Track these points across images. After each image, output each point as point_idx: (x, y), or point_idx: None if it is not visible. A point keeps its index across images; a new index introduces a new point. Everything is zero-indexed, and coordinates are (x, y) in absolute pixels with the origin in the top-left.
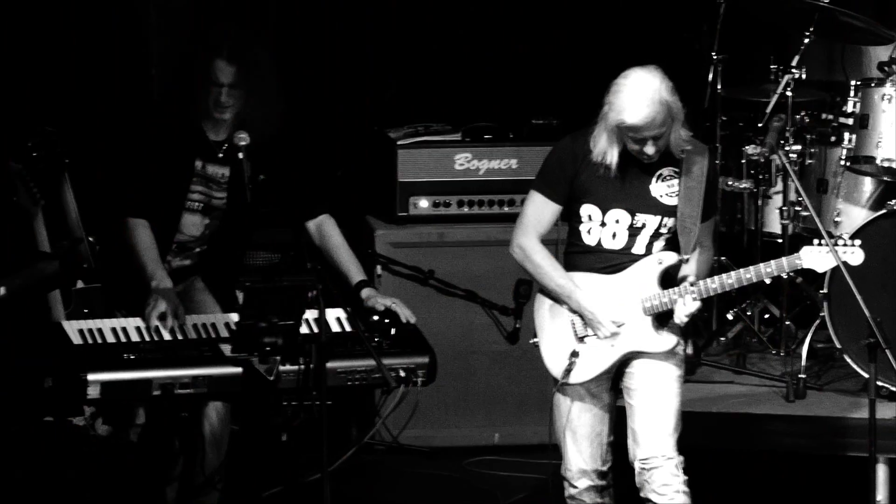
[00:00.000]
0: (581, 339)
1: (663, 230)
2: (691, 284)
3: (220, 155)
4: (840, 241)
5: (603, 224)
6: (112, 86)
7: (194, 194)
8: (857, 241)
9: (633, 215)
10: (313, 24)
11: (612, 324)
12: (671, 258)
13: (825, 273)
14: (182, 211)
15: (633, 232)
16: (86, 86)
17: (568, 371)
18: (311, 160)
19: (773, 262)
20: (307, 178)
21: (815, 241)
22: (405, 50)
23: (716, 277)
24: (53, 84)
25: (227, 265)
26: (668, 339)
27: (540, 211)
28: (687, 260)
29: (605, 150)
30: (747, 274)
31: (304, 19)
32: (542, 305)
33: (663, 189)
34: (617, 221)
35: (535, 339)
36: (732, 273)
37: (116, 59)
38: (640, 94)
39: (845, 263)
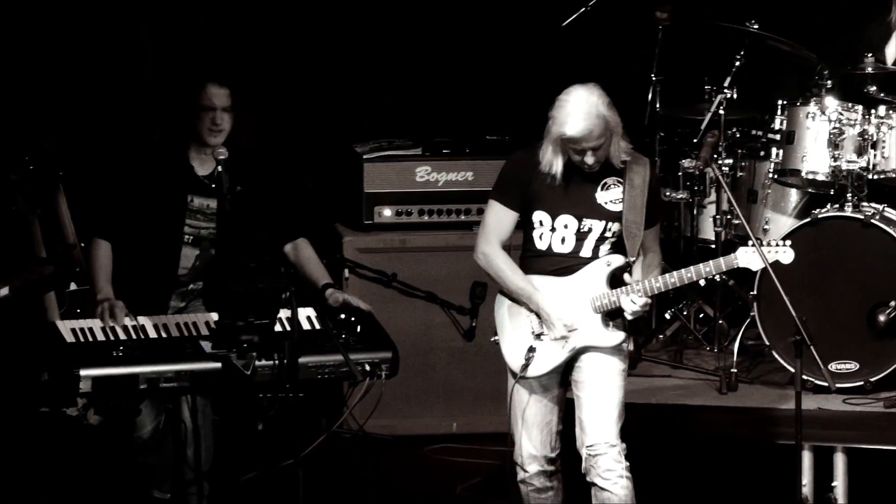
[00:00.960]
0: (538, 337)
1: (608, 234)
2: (637, 283)
3: (211, 187)
4: (773, 243)
5: (553, 229)
6: (106, 106)
7: (186, 227)
8: (788, 242)
9: (580, 221)
10: (285, 49)
11: (563, 326)
12: (619, 260)
13: (755, 276)
14: (181, 245)
15: (581, 236)
16: (80, 105)
17: (526, 365)
18: (286, 178)
19: (711, 261)
20: (283, 199)
21: (750, 243)
22: (371, 72)
23: (659, 277)
24: (49, 103)
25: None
26: (616, 335)
27: (499, 219)
28: (633, 262)
29: (551, 160)
30: (688, 273)
31: (277, 43)
32: (502, 306)
33: (608, 196)
34: (565, 227)
35: (496, 337)
36: (675, 272)
37: (114, 79)
38: (579, 109)
39: (777, 262)
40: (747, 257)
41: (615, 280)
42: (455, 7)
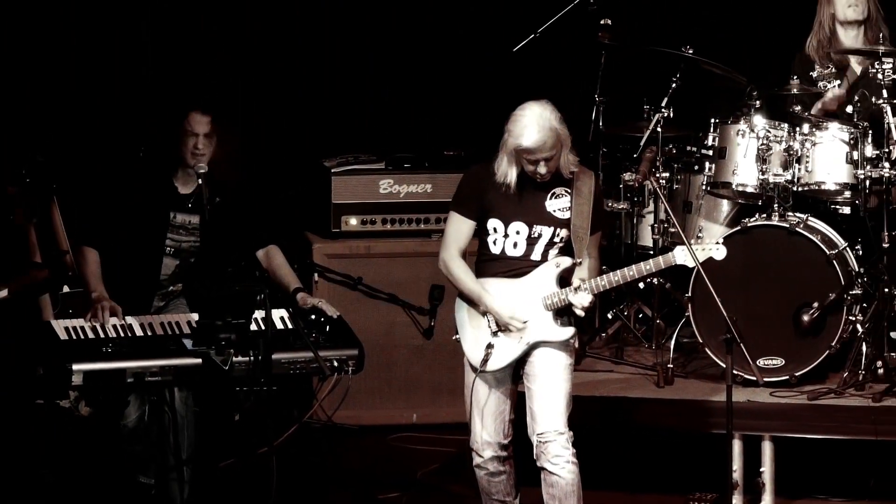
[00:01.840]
0: (495, 334)
1: (557, 239)
2: (584, 282)
3: (189, 205)
4: (707, 241)
5: (506, 235)
6: (96, 125)
7: (167, 241)
8: (720, 240)
9: (531, 227)
10: (260, 76)
11: (518, 322)
12: (566, 262)
13: (690, 279)
14: (162, 257)
15: (531, 241)
16: (72, 124)
17: (485, 360)
18: (259, 191)
19: (651, 259)
20: (257, 211)
21: (686, 243)
22: (340, 94)
23: (604, 276)
24: (43, 122)
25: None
26: (566, 331)
27: (457, 228)
28: (580, 263)
29: (506, 171)
30: (630, 271)
31: (253, 71)
32: (462, 308)
33: (557, 205)
34: (517, 233)
35: (457, 336)
36: (618, 271)
37: (103, 101)
38: (534, 122)
39: (711, 258)
40: (684, 255)
41: (564, 280)
42: (415, 35)
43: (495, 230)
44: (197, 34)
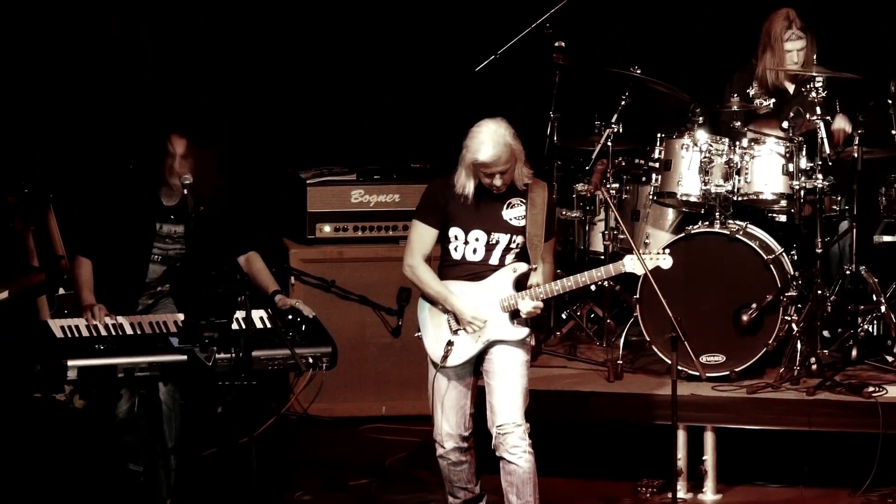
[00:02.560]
0: (455, 332)
1: (513, 246)
2: (538, 286)
3: (173, 217)
4: (655, 251)
5: (466, 242)
6: (88, 142)
7: (155, 250)
8: (667, 250)
9: (489, 234)
10: (241, 90)
11: (477, 319)
12: (522, 267)
13: (638, 282)
14: (148, 265)
15: (490, 248)
16: (66, 141)
17: (445, 357)
18: (241, 203)
19: (602, 267)
20: (238, 219)
21: (635, 252)
22: (316, 112)
23: (558, 281)
24: (39, 137)
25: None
26: (521, 331)
27: (421, 236)
28: (535, 269)
29: (465, 183)
30: (582, 277)
31: (234, 84)
32: (424, 308)
33: (512, 214)
34: (477, 239)
35: (419, 334)
36: (571, 277)
37: (93, 121)
38: (489, 138)
39: (658, 267)
40: (633, 263)
41: (520, 284)
42: (384, 57)
43: (456, 237)
44: (181, 57)
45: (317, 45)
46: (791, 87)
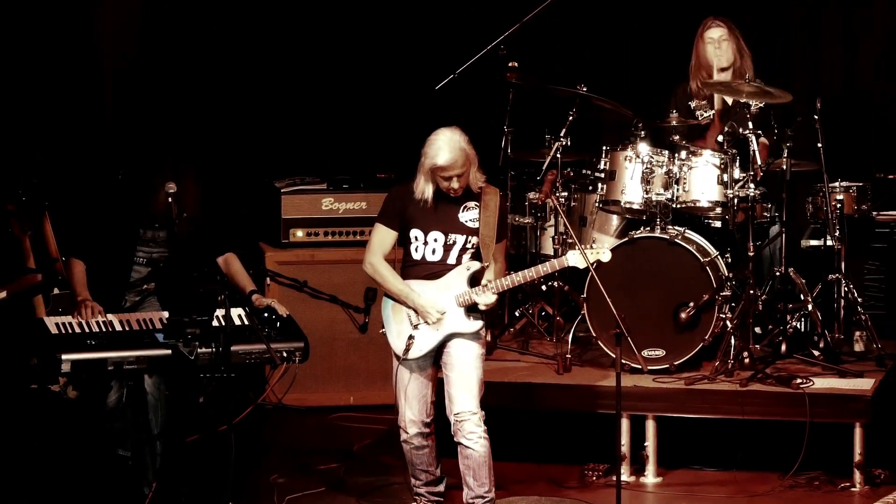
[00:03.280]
0: (415, 327)
1: (469, 246)
2: (491, 283)
3: (157, 224)
4: (594, 246)
5: (426, 243)
6: (80, 154)
7: (140, 253)
8: (607, 245)
9: (446, 235)
10: (220, 110)
11: (436, 314)
12: (476, 265)
13: (585, 282)
14: (133, 265)
15: (447, 248)
16: (61, 152)
17: (407, 350)
18: (220, 209)
19: (547, 262)
20: (217, 224)
21: (578, 247)
22: (290, 126)
23: (508, 276)
24: (38, 149)
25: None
26: (475, 324)
27: (382, 237)
28: (487, 266)
29: (424, 188)
30: (530, 273)
31: (214, 105)
32: (387, 305)
33: (468, 216)
34: (435, 240)
35: (383, 329)
36: (519, 272)
37: (84, 135)
38: (445, 144)
39: (598, 261)
40: (575, 258)
41: (474, 281)
42: (352, 76)
43: (416, 238)
44: (168, 77)
45: (291, 67)
46: (729, 100)
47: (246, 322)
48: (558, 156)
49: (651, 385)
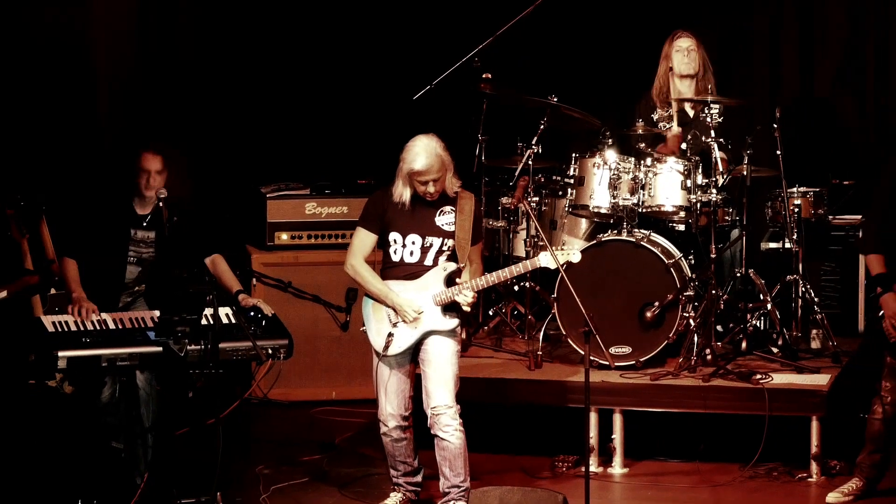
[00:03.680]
0: (394, 325)
1: (445, 248)
2: (466, 283)
3: (145, 224)
4: (566, 247)
5: (404, 245)
6: (74, 162)
7: (131, 253)
8: (576, 246)
9: (423, 238)
10: (211, 118)
11: (414, 312)
12: (452, 266)
13: (556, 282)
14: (125, 266)
15: (424, 250)
16: (57, 160)
17: (386, 347)
18: (208, 213)
19: (520, 263)
20: (206, 228)
21: (549, 249)
22: (277, 134)
23: (483, 276)
24: (36, 159)
25: (162, 291)
26: (452, 321)
27: (362, 240)
28: (463, 268)
29: (402, 192)
30: (503, 273)
31: (205, 110)
32: (367, 304)
33: (444, 220)
34: (413, 243)
35: (364, 327)
36: (494, 273)
37: (78, 145)
38: (422, 150)
39: (569, 262)
40: (546, 259)
41: (451, 281)
42: (335, 88)
43: (395, 241)
44: (161, 87)
45: (276, 78)
46: (690, 112)
47: (233, 321)
48: (530, 162)
49: (618, 380)
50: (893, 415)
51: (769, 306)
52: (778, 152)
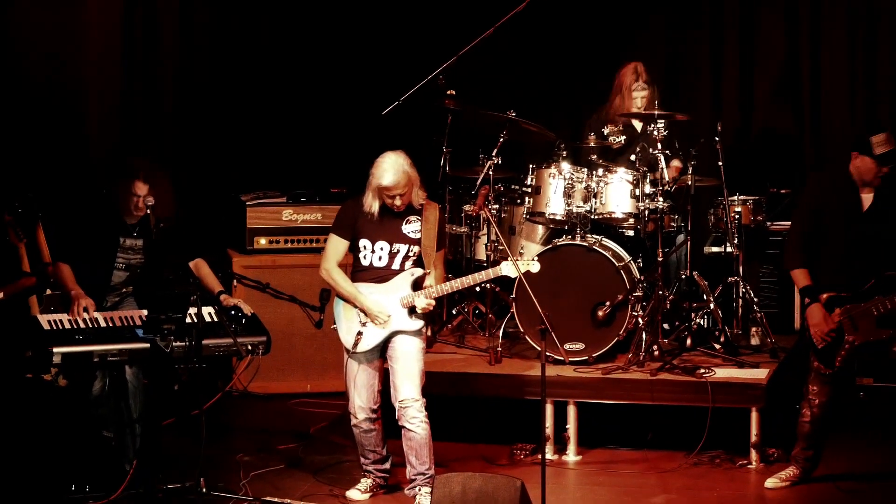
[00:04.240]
0: (363, 324)
1: (411, 254)
2: (432, 288)
3: (135, 233)
4: (527, 258)
5: (373, 251)
6: (68, 173)
7: (119, 259)
8: (536, 258)
9: (391, 245)
10: (188, 126)
11: (382, 314)
12: (419, 271)
13: (514, 284)
14: (112, 271)
15: (392, 256)
16: (52, 171)
17: (356, 344)
18: (192, 220)
19: (483, 271)
20: (189, 233)
21: (510, 258)
22: (256, 148)
23: (447, 282)
24: (33, 170)
25: (150, 292)
26: (416, 323)
27: (335, 246)
28: (429, 273)
29: (371, 203)
30: (467, 280)
31: (187, 128)
32: (339, 305)
33: (410, 228)
34: (381, 249)
35: (335, 326)
36: (458, 279)
37: (72, 157)
38: (390, 167)
39: (528, 271)
40: (508, 268)
41: (417, 285)
42: (310, 102)
43: (365, 247)
44: (150, 104)
45: (253, 93)
46: (638, 126)
47: (215, 319)
48: (490, 173)
49: (572, 375)
50: (821, 416)
51: (712, 306)
52: (720, 163)
